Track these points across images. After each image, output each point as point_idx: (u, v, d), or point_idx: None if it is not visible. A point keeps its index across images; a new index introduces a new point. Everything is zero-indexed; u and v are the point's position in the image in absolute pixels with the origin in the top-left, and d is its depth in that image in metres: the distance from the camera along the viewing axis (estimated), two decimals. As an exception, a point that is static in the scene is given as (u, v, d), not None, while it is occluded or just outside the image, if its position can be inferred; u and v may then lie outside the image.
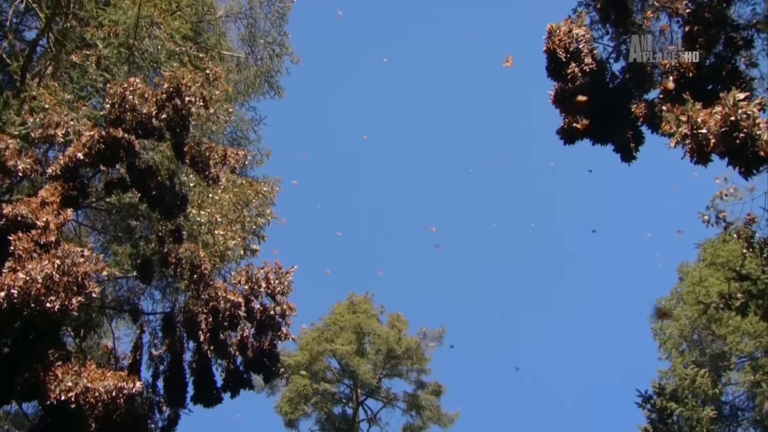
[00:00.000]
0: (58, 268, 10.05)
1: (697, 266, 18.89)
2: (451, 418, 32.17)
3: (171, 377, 14.14)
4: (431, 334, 33.73)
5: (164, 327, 14.43)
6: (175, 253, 13.48)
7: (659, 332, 19.84)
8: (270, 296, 14.68)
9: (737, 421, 17.68)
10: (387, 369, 32.73)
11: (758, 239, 12.59)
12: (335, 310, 33.54)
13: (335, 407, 31.91)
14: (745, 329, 16.74)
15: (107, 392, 10.99)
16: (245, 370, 14.66)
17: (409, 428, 32.09)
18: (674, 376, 18.22)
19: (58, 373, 10.51)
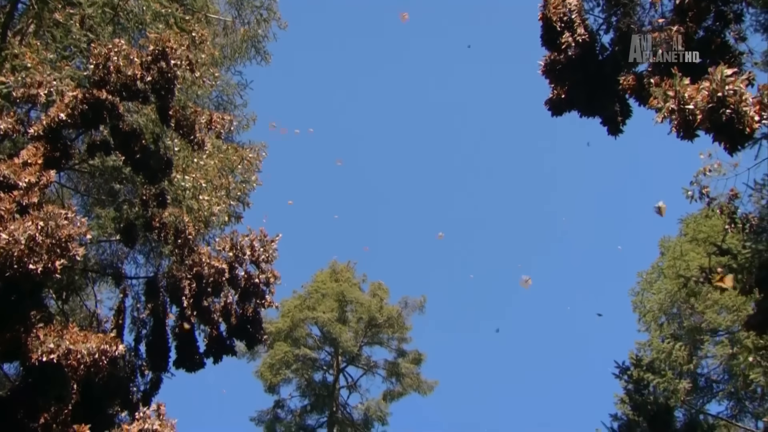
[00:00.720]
0: (41, 230, 9.95)
1: (678, 241, 19.10)
2: (431, 386, 32.55)
3: (153, 341, 14.15)
4: (412, 303, 33.98)
5: (147, 291, 14.40)
6: (159, 218, 13.40)
7: (639, 305, 20.11)
8: (254, 263, 14.68)
9: (712, 393, 18.03)
10: (368, 337, 32.95)
11: (740, 215, 12.71)
12: (317, 278, 33.63)
13: (316, 373, 32.17)
14: (723, 303, 17.00)
15: (89, 354, 10.97)
16: (228, 336, 14.70)
17: (389, 395, 32.42)
18: (652, 348, 18.51)
19: (40, 335, 10.47)
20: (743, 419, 17.75)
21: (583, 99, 11.69)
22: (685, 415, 17.29)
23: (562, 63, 11.24)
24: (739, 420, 17.69)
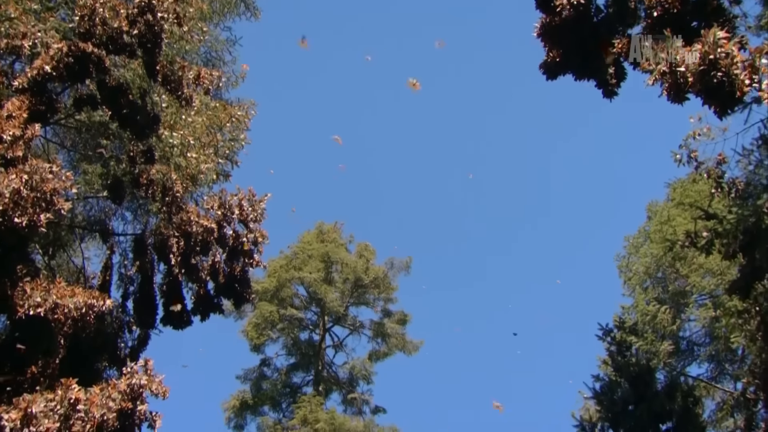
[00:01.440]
0: (26, 183, 9.87)
1: (665, 205, 19.19)
2: (416, 346, 32.86)
3: (141, 298, 14.19)
4: (398, 264, 34.15)
5: (135, 249, 14.37)
6: (147, 175, 13.30)
7: (625, 269, 20.29)
8: (243, 223, 14.68)
9: (693, 356, 18.34)
10: (354, 297, 33.13)
11: (727, 179, 12.78)
12: (304, 239, 33.64)
13: (302, 333, 32.38)
14: (708, 268, 17.18)
15: (76, 309, 10.98)
16: (216, 295, 14.76)
17: (375, 355, 32.72)
18: (636, 311, 18.73)
19: (27, 289, 10.45)
20: (722, 381, 18.10)
21: (578, 62, 11.63)
22: (665, 377, 17.60)
23: (556, 25, 11.15)
24: (718, 382, 18.04)
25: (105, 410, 10.48)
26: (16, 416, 9.65)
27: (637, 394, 15.41)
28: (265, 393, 30.35)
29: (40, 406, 9.87)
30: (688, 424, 14.63)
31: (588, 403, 17.89)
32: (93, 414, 10.28)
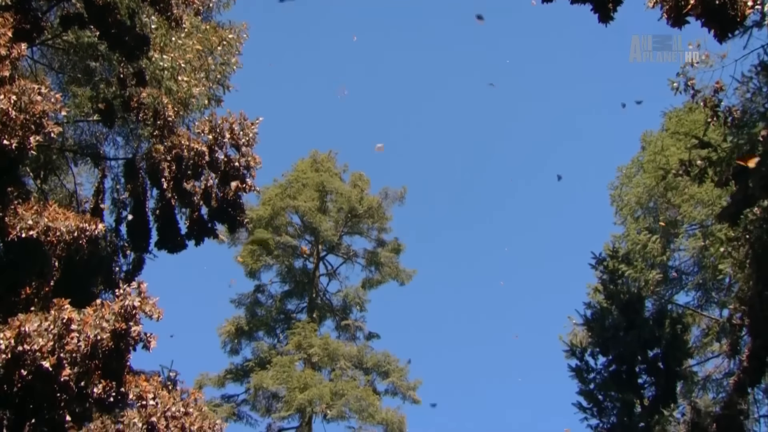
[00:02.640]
0: (14, 104, 9.72)
1: (660, 135, 19.08)
2: (409, 275, 33.14)
3: (134, 222, 14.18)
4: (393, 193, 34.12)
5: (127, 173, 14.29)
6: (137, 98, 13.11)
7: (617, 199, 20.33)
8: (234, 147, 14.56)
9: (681, 285, 18.58)
10: (348, 227, 33.23)
11: (723, 108, 12.68)
12: (298, 168, 33.47)
13: (296, 261, 32.57)
14: (699, 198, 17.22)
15: (69, 232, 11.01)
16: (209, 220, 14.76)
17: (368, 283, 33.02)
18: (627, 240, 18.88)
19: (19, 211, 10.44)
20: (709, 309, 18.41)
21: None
22: (654, 305, 17.91)
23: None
24: (704, 309, 18.34)
25: (99, 330, 10.63)
26: (10, 335, 9.78)
27: (627, 321, 15.70)
28: (259, 319, 30.76)
29: (33, 325, 9.99)
30: (675, 350, 14.96)
31: (576, 329, 18.24)
32: (87, 334, 10.42)
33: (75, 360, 10.28)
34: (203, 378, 28.97)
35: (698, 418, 13.97)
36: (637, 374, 15.32)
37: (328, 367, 29.11)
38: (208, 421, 12.68)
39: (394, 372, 29.99)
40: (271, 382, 27.15)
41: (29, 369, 9.82)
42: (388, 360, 30.33)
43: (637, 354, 15.22)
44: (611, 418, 15.01)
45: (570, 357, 16.00)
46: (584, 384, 15.44)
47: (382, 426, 27.66)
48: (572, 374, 15.67)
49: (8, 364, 9.73)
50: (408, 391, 29.84)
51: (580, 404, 15.20)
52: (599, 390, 15.33)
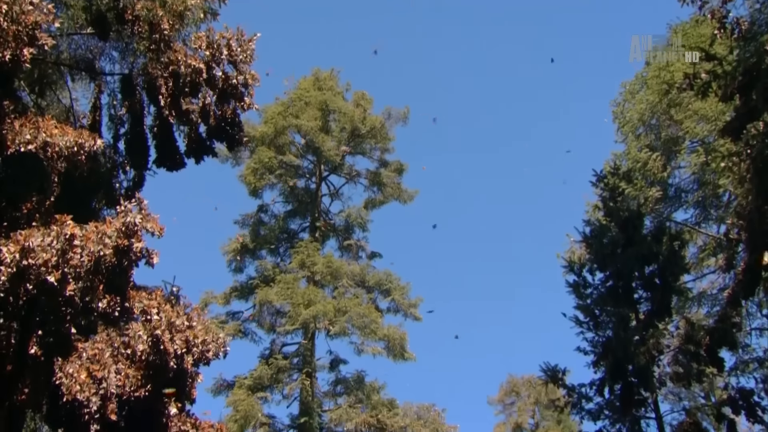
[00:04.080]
0: (5, 15, 9.54)
1: (665, 50, 18.66)
2: (411, 195, 33.16)
3: (132, 140, 14.11)
4: (396, 114, 33.79)
5: (123, 89, 14.09)
6: (132, 10, 12.82)
7: (619, 116, 20.07)
8: (232, 64, 14.31)
9: (680, 202, 18.58)
10: (351, 147, 33.04)
11: (731, 19, 12.38)
12: (300, 86, 33.00)
13: (299, 181, 32.55)
14: (702, 114, 17.00)
15: (67, 147, 10.98)
16: (208, 138, 14.66)
17: (371, 203, 33.10)
18: (628, 158, 18.77)
19: (16, 126, 10.39)
20: (706, 226, 18.48)
21: None
22: (652, 222, 17.97)
23: None
24: (702, 226, 18.42)
25: (101, 246, 10.73)
26: (14, 249, 9.89)
27: (626, 238, 15.77)
28: (263, 238, 30.99)
29: (36, 240, 10.09)
30: (672, 266, 15.08)
31: (574, 247, 18.36)
32: (90, 249, 10.53)
33: (79, 275, 10.42)
34: (208, 296, 29.46)
35: (692, 331, 14.23)
36: (633, 289, 15.52)
37: (331, 285, 29.53)
38: (212, 334, 12.97)
39: (396, 290, 30.43)
40: (275, 299, 27.62)
41: (34, 283, 9.98)
42: (390, 279, 30.73)
43: (634, 270, 15.36)
44: (607, 331, 15.28)
45: (568, 273, 16.17)
46: (581, 299, 15.65)
47: (384, 342, 28.27)
48: (570, 290, 15.86)
49: (13, 278, 9.89)
50: (409, 308, 30.35)
51: (577, 318, 15.46)
52: (596, 305, 15.56)
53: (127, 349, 11.82)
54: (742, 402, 13.64)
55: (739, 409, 13.66)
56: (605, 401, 14.73)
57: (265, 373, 26.90)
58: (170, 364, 11.83)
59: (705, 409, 14.86)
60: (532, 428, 41.57)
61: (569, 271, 16.12)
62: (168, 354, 11.79)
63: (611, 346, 14.78)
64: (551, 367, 15.14)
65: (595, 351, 15.09)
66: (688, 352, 14.22)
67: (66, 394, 10.67)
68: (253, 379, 26.89)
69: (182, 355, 12.07)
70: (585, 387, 14.96)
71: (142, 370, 11.69)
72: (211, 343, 12.79)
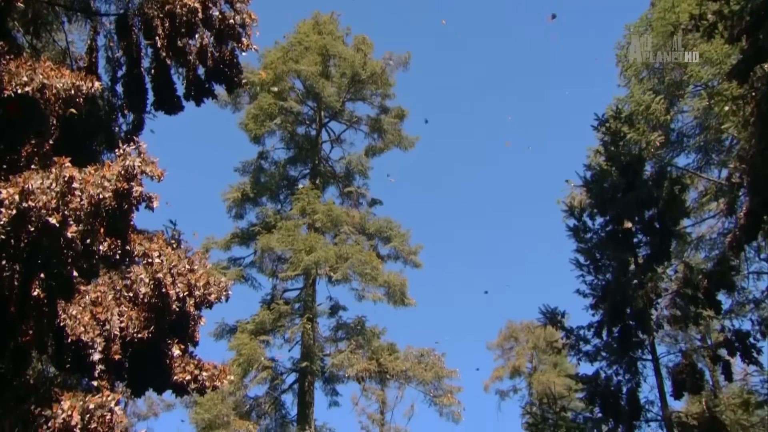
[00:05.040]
0: (-4, -48, 9.32)
1: (671, -11, 18.29)
2: (412, 142, 33.03)
3: (130, 82, 13.94)
4: (396, 59, 33.39)
5: (119, 30, 13.85)
6: (124, -53, 12.54)
7: (623, 59, 19.79)
8: (229, 3, 14.06)
9: (682, 147, 18.47)
10: (351, 93, 32.77)
11: (739, -43, 12.07)
12: (300, 29, 32.51)
13: (299, 127, 32.38)
14: (707, 56, 16.77)
15: (65, 90, 10.85)
16: (206, 80, 14.49)
17: (371, 150, 32.99)
18: (630, 102, 18.57)
19: (12, 67, 10.25)
20: (708, 171, 18.41)
21: None
22: (653, 167, 17.91)
23: None
24: (703, 171, 18.35)
25: (101, 189, 10.70)
26: (13, 191, 9.87)
27: (626, 182, 15.73)
28: (263, 185, 30.98)
29: (36, 182, 10.06)
30: (672, 210, 15.07)
31: (575, 193, 18.33)
32: (89, 192, 10.51)
33: (79, 218, 10.42)
34: (209, 242, 29.63)
35: (690, 275, 14.31)
36: (633, 234, 15.55)
37: (332, 232, 29.64)
38: (214, 278, 13.05)
39: (396, 237, 30.58)
40: (276, 245, 27.77)
41: (35, 225, 9.98)
42: (390, 226, 30.85)
43: (634, 214, 15.36)
44: (607, 275, 15.38)
45: (568, 217, 16.18)
46: (582, 243, 15.70)
47: (384, 288, 28.53)
48: (570, 234, 15.90)
49: (14, 220, 9.88)
50: (409, 255, 30.55)
51: (577, 261, 15.53)
52: (596, 249, 15.61)
53: (129, 291, 11.91)
54: (738, 343, 13.78)
55: (734, 351, 13.82)
56: (603, 343, 14.91)
57: (267, 317, 27.23)
58: (172, 306, 11.94)
59: (701, 351, 15.02)
60: (529, 372, 42.27)
61: (569, 216, 16.14)
62: (170, 297, 11.89)
63: (610, 289, 14.90)
64: (550, 310, 15.28)
65: (594, 294, 15.22)
66: (686, 295, 14.31)
67: (70, 335, 10.79)
68: (255, 323, 27.23)
69: (184, 298, 12.17)
70: (583, 329, 15.13)
71: (144, 313, 11.81)
72: (213, 286, 12.89)
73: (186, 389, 12.68)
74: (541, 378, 39.04)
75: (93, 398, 10.38)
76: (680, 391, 13.88)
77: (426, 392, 27.84)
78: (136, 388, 12.52)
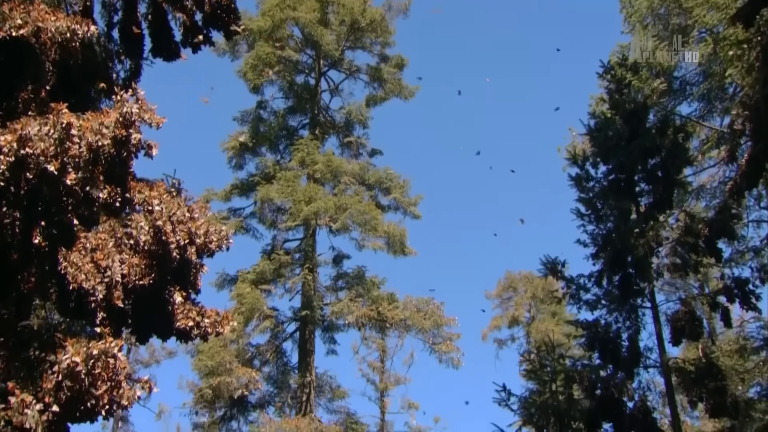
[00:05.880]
0: None
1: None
2: (412, 91, 32.65)
3: (127, 27, 13.69)
4: (396, 5, 32.86)
5: (115, -27, 13.59)
6: None
7: (627, 4, 19.41)
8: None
9: (685, 95, 18.27)
10: (350, 41, 32.27)
11: None
12: (297, -25, 31.90)
13: (298, 77, 31.98)
14: (713, 2, 16.44)
15: (60, 33, 10.66)
16: (204, 26, 14.25)
17: (371, 99, 32.65)
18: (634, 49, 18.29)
19: (5, 9, 10.04)
20: (710, 119, 18.25)
21: None
22: (656, 116, 17.75)
23: None
24: (706, 120, 18.19)
25: (99, 136, 10.59)
26: (11, 138, 9.77)
27: (630, 131, 15.59)
28: (263, 135, 30.76)
29: (33, 129, 9.95)
30: (675, 158, 14.99)
31: (576, 141, 18.20)
32: (88, 139, 10.41)
33: (78, 165, 10.34)
34: (209, 193, 29.60)
35: (692, 223, 14.30)
36: (635, 182, 15.49)
37: (332, 182, 29.58)
38: (214, 227, 13.03)
39: (396, 188, 30.54)
40: (276, 196, 27.74)
41: (34, 172, 9.91)
42: (390, 176, 30.78)
43: (637, 163, 15.26)
44: (608, 224, 15.37)
45: (571, 166, 16.10)
46: (584, 192, 15.64)
47: (384, 238, 28.59)
48: (572, 183, 15.83)
49: (13, 167, 9.81)
50: (409, 206, 30.55)
51: (578, 210, 15.49)
52: (598, 198, 15.57)
53: (130, 239, 11.89)
54: (737, 290, 13.86)
55: (733, 298, 13.90)
56: (603, 292, 14.98)
57: (268, 267, 27.37)
58: (173, 254, 11.93)
59: (699, 299, 15.10)
60: (527, 321, 42.71)
61: (572, 164, 16.04)
62: (171, 244, 11.88)
63: (611, 238, 14.90)
64: (551, 260, 15.31)
65: (595, 243, 15.22)
66: (687, 243, 14.33)
67: (72, 282, 10.81)
68: (256, 273, 27.38)
69: (185, 246, 12.16)
70: (583, 278, 15.18)
71: (145, 260, 11.81)
72: (214, 234, 12.88)
73: (189, 335, 12.78)
74: (539, 327, 39.42)
75: (96, 344, 10.44)
76: (679, 338, 14.01)
77: (425, 340, 28.15)
78: (140, 334, 12.62)
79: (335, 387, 29.18)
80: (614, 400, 13.36)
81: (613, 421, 13.51)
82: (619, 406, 13.38)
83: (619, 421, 13.36)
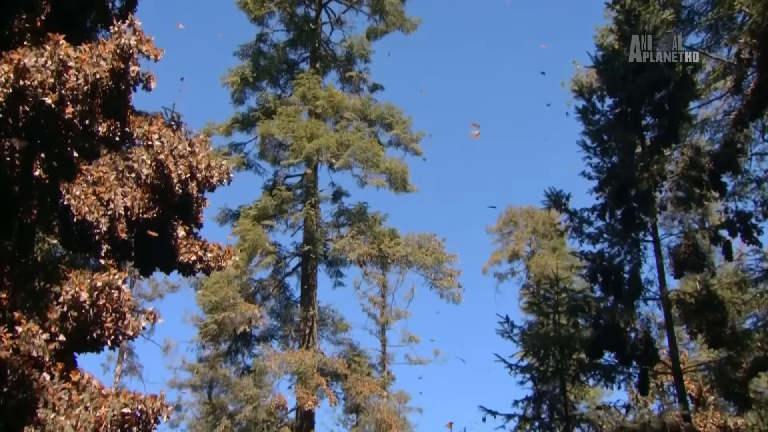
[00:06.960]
0: None
1: None
2: (414, 24, 31.88)
3: (121, -46, 13.33)
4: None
5: None
6: None
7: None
8: None
9: (692, 25, 17.82)
10: (351, -29, 31.49)
11: None
12: None
13: (298, 7, 31.23)
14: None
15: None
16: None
17: (373, 32, 31.92)
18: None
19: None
20: (717, 50, 17.85)
21: None
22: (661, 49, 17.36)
23: None
24: (713, 51, 17.81)
25: (97, 68, 10.43)
26: (8, 69, 9.61)
27: (637, 63, 15.30)
28: (263, 69, 30.23)
29: (30, 60, 9.78)
30: (683, 90, 14.77)
31: (580, 74, 17.90)
32: (85, 72, 10.24)
33: (77, 98, 10.21)
34: (209, 127, 29.33)
35: (696, 157, 14.19)
36: (641, 116, 15.31)
37: (333, 118, 29.28)
38: (215, 161, 12.97)
39: (398, 124, 30.21)
40: (277, 131, 27.51)
41: (32, 104, 9.79)
42: (392, 112, 30.40)
43: (644, 96, 15.04)
44: (613, 157, 15.26)
45: (577, 98, 15.87)
46: (590, 125, 15.47)
47: (386, 174, 28.46)
48: (578, 115, 15.64)
49: (10, 99, 9.68)
50: (411, 143, 30.28)
51: (584, 143, 15.34)
52: (603, 131, 15.41)
53: (132, 173, 11.84)
54: (740, 224, 13.86)
55: (735, 231, 13.90)
56: (606, 225, 14.99)
57: (270, 203, 27.36)
58: (175, 188, 11.92)
59: (702, 232, 15.11)
60: (528, 255, 42.91)
61: (578, 96, 15.83)
62: (172, 178, 11.85)
63: (616, 171, 14.81)
64: (555, 192, 15.25)
65: (599, 176, 15.14)
66: (691, 177, 14.25)
67: (75, 215, 10.80)
68: (258, 209, 27.38)
69: (186, 180, 12.13)
70: (587, 212, 15.15)
71: (148, 194, 11.80)
72: (215, 169, 12.84)
73: (192, 269, 12.88)
74: (540, 261, 39.62)
75: (101, 276, 10.52)
76: (681, 270, 14.09)
77: (426, 276, 28.34)
78: (144, 267, 12.71)
79: (338, 320, 29.54)
80: (618, 330, 13.53)
81: (615, 350, 13.72)
82: (622, 335, 13.56)
83: (622, 350, 13.56)
